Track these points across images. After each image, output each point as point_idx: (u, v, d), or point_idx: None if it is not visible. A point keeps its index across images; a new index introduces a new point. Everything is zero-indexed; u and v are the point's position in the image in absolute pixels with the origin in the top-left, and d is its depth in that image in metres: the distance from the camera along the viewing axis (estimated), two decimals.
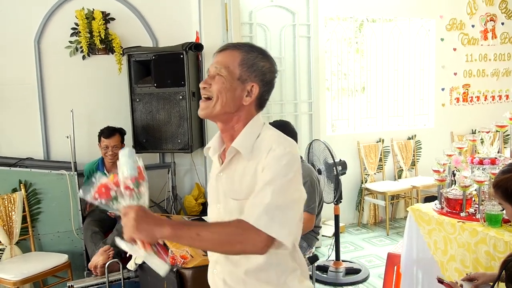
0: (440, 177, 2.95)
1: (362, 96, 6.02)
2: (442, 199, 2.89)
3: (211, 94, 1.45)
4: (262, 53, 1.50)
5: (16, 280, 3.21)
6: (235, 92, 1.45)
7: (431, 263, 2.90)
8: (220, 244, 1.32)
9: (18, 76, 4.07)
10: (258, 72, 1.47)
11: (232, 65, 1.44)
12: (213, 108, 1.46)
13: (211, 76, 1.47)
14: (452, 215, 2.77)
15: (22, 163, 3.87)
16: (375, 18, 5.87)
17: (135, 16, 4.39)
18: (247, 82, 1.46)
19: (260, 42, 4.94)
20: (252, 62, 1.46)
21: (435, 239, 2.84)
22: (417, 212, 3.00)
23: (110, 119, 4.29)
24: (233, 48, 1.48)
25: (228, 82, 1.44)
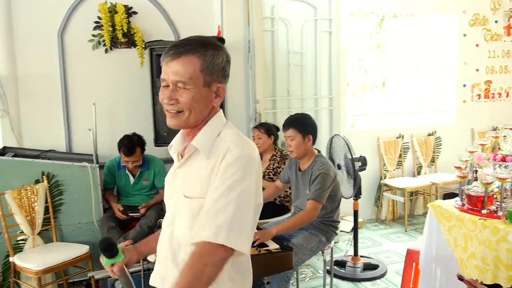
0: (461, 174, 2.92)
1: (382, 92, 5.98)
2: (463, 196, 2.86)
3: (180, 108, 1.41)
4: (214, 46, 1.44)
5: (38, 269, 3.27)
6: (205, 100, 1.43)
7: (451, 260, 2.88)
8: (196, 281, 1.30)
9: (42, 69, 4.15)
10: (219, 71, 1.43)
11: (194, 74, 1.39)
12: (187, 120, 1.43)
13: (172, 89, 1.40)
14: (473, 212, 2.74)
15: (45, 155, 3.94)
16: (397, 13, 5.81)
17: (157, 10, 4.42)
18: (212, 84, 1.43)
19: (282, 37, 4.94)
20: (212, 64, 1.41)
21: (455, 236, 2.82)
22: (438, 209, 2.97)
23: (132, 112, 4.36)
24: (187, 53, 1.39)
25: (196, 93, 1.40)
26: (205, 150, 1.43)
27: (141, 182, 4.03)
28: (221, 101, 1.47)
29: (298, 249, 3.08)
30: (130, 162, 3.86)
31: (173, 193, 1.53)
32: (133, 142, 3.83)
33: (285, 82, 5.03)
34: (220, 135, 1.45)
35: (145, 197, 4.06)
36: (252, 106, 4.57)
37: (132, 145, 3.81)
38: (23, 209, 3.53)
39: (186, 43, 1.41)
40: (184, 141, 1.55)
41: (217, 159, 1.40)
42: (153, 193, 4.10)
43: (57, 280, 3.63)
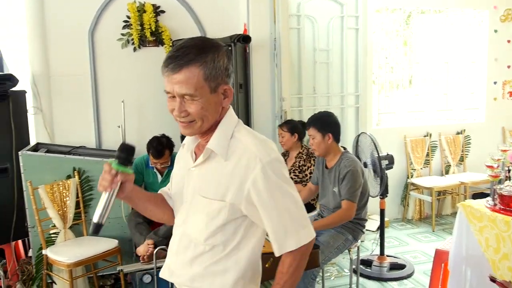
0: (493, 173, 2.86)
1: (409, 90, 5.91)
2: (495, 195, 2.81)
3: (192, 119, 1.40)
4: (213, 49, 1.40)
5: (70, 262, 3.34)
6: (215, 105, 1.41)
7: (482, 261, 2.83)
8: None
9: (73, 67, 4.24)
10: (222, 73, 1.40)
11: (199, 84, 1.35)
12: (200, 129, 1.43)
13: (180, 102, 1.37)
14: (505, 212, 2.68)
15: (75, 151, 4.02)
16: (424, 9, 5.72)
17: (184, 9, 4.46)
18: (219, 87, 1.40)
19: (308, 34, 4.93)
20: (215, 69, 1.38)
21: (486, 237, 2.77)
22: (468, 209, 2.92)
23: (159, 109, 4.41)
24: (187, 64, 1.34)
25: (205, 102, 1.38)
26: (222, 152, 1.42)
27: (169, 180, 4.05)
28: (230, 100, 1.46)
29: (324, 247, 3.08)
30: (158, 163, 3.91)
31: (186, 192, 1.53)
32: (162, 146, 3.85)
33: (311, 80, 5.02)
34: (234, 136, 1.45)
35: None
36: (278, 104, 4.57)
37: (161, 148, 3.83)
38: (55, 204, 3.61)
39: (184, 52, 1.35)
40: (195, 139, 1.56)
41: (238, 162, 1.41)
42: None
43: (87, 273, 3.70)
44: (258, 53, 4.44)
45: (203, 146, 1.49)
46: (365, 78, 5.17)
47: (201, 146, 1.51)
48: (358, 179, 3.14)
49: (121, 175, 1.41)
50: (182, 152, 1.62)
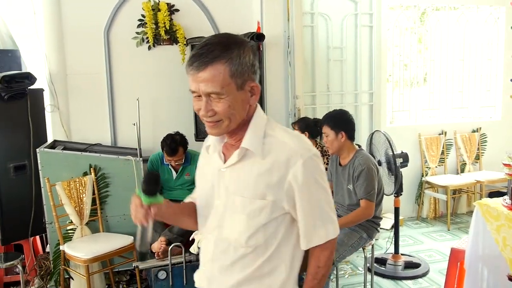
0: (510, 171, 2.83)
1: (423, 87, 5.86)
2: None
3: (219, 118, 1.35)
4: (238, 45, 1.35)
5: (86, 258, 3.38)
6: (242, 102, 1.37)
7: (499, 260, 2.80)
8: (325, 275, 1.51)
9: (89, 66, 4.29)
10: (248, 69, 1.35)
11: (225, 81, 1.31)
12: (227, 128, 1.38)
13: (206, 101, 1.34)
14: None
15: (91, 148, 4.07)
16: (439, 6, 5.67)
17: (198, 7, 4.48)
18: (245, 84, 1.36)
19: (322, 32, 4.92)
20: (241, 66, 1.33)
21: (504, 236, 2.75)
22: (485, 207, 2.90)
23: (174, 107, 4.45)
24: (212, 62, 1.30)
25: (232, 100, 1.34)
26: (258, 151, 1.39)
27: (184, 176, 4.10)
28: (257, 98, 1.41)
29: (339, 245, 3.07)
30: (173, 160, 3.95)
31: (218, 193, 1.47)
32: (176, 143, 3.89)
33: (325, 78, 5.02)
34: (267, 134, 1.42)
35: (187, 191, 4.12)
36: (291, 101, 4.58)
37: (175, 146, 3.88)
38: (72, 200, 3.66)
39: (208, 50, 1.31)
40: (221, 139, 1.50)
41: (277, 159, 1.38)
42: (194, 187, 4.15)
43: (104, 269, 3.75)
44: (271, 51, 4.45)
45: (231, 145, 1.46)
46: (379, 75, 5.15)
47: (229, 146, 1.48)
48: (374, 177, 3.13)
49: (153, 207, 1.41)
50: (206, 154, 1.57)
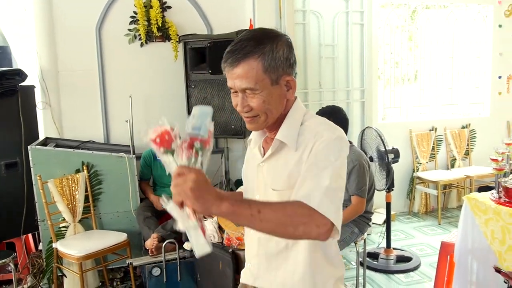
0: (498, 166, 2.89)
1: (414, 84, 5.92)
2: (500, 188, 2.84)
3: (256, 113, 1.37)
4: (271, 39, 1.35)
5: (79, 255, 3.38)
6: (278, 97, 1.38)
7: (487, 253, 2.86)
8: (282, 225, 1.20)
9: (81, 63, 4.29)
10: (283, 63, 1.35)
11: (259, 77, 1.32)
12: (265, 123, 1.40)
13: (242, 97, 1.36)
14: (510, 205, 2.71)
15: (84, 145, 4.07)
16: (429, 4, 5.73)
17: (190, 4, 4.50)
18: (280, 79, 1.36)
19: (313, 29, 4.95)
20: (274, 60, 1.33)
21: (492, 229, 2.80)
22: (473, 201, 2.95)
23: (166, 104, 4.46)
24: (245, 57, 1.31)
25: (267, 95, 1.35)
26: (291, 143, 1.38)
27: None
28: (294, 92, 1.41)
29: None
30: None
31: (258, 187, 1.49)
32: None
33: (317, 75, 5.05)
34: (303, 125, 1.41)
35: None
36: None
37: None
38: (64, 197, 3.66)
39: (241, 45, 1.33)
40: (263, 134, 1.52)
41: (306, 147, 1.36)
42: None
43: (97, 266, 3.75)
44: None
45: (271, 139, 1.46)
46: (371, 73, 5.20)
47: (268, 140, 1.49)
48: (365, 174, 3.17)
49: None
50: (250, 149, 1.59)
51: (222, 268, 2.93)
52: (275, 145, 1.42)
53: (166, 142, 1.18)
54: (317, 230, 1.21)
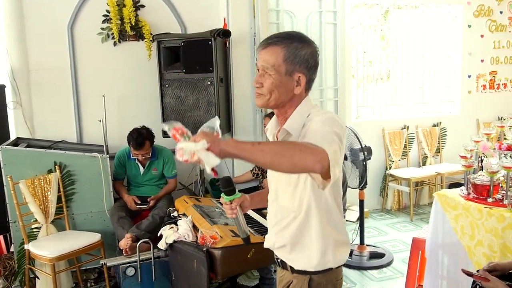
0: (467, 163, 2.96)
1: (387, 83, 6.02)
2: (469, 184, 2.91)
3: (262, 92, 1.59)
4: (301, 40, 1.59)
5: (52, 256, 3.34)
6: (285, 86, 1.58)
7: (457, 247, 2.93)
8: (280, 154, 1.32)
9: (53, 61, 4.22)
10: (301, 61, 1.57)
11: (277, 62, 1.55)
12: (268, 102, 1.60)
13: (260, 74, 1.59)
14: (479, 201, 2.78)
15: (56, 145, 4.01)
16: (401, 5, 5.83)
17: (164, 3, 4.47)
18: (294, 73, 1.58)
19: (287, 29, 4.97)
20: (295, 54, 1.56)
21: (461, 224, 2.87)
22: (443, 198, 3.02)
23: (140, 104, 4.44)
24: (274, 44, 1.57)
25: (277, 80, 1.56)
26: (295, 133, 1.58)
27: (151, 171, 4.09)
28: (301, 89, 1.60)
29: None
30: (139, 155, 3.93)
31: (273, 174, 1.74)
32: (142, 136, 3.89)
33: None
34: (309, 116, 1.59)
35: (155, 187, 4.12)
36: None
37: (142, 140, 3.87)
38: (36, 198, 3.61)
39: (275, 36, 1.59)
40: (277, 125, 1.72)
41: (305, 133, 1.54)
42: (162, 183, 4.17)
43: (70, 267, 3.70)
44: (238, 48, 4.48)
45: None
46: (344, 72, 5.26)
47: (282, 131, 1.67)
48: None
49: (234, 202, 1.71)
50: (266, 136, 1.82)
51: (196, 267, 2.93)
52: (282, 134, 1.63)
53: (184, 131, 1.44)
54: (312, 157, 1.31)
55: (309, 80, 1.63)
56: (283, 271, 1.79)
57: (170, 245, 3.07)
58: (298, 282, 1.71)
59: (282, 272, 1.80)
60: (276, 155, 1.33)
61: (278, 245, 1.75)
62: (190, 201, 3.55)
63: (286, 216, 1.69)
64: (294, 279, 1.73)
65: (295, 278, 1.72)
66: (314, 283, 1.69)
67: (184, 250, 2.97)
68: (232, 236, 2.82)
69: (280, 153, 1.32)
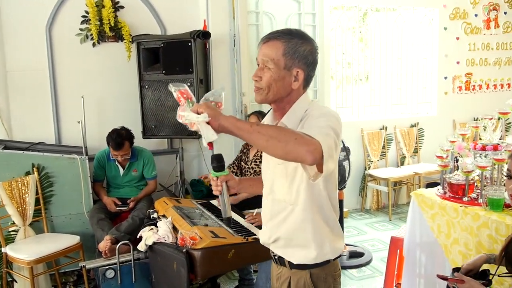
0: (443, 163, 3.02)
1: (366, 85, 6.09)
2: (445, 184, 2.97)
3: (261, 86, 1.62)
4: (301, 37, 1.63)
5: (30, 259, 3.31)
6: (283, 81, 1.61)
7: (434, 246, 2.98)
8: (275, 138, 1.37)
9: (31, 62, 4.16)
10: (300, 57, 1.61)
11: (277, 56, 1.59)
12: (267, 96, 1.63)
13: (260, 68, 1.63)
14: (454, 200, 2.84)
15: (34, 147, 3.96)
16: (379, 7, 5.91)
17: (143, 4, 4.45)
18: (292, 68, 1.61)
19: (267, 30, 4.99)
20: (294, 50, 1.60)
21: (438, 223, 2.93)
22: (420, 197, 3.08)
23: (120, 105, 4.41)
24: (274, 38, 1.61)
25: (275, 74, 1.60)
26: (293, 127, 1.59)
27: (131, 173, 4.07)
28: (298, 84, 1.63)
29: None
30: (119, 155, 3.91)
31: (269, 164, 1.75)
32: (122, 137, 3.87)
33: None
34: (307, 111, 1.63)
35: (134, 188, 4.11)
36: (238, 98, 4.63)
37: (121, 140, 3.85)
38: (14, 201, 3.56)
39: (277, 31, 1.64)
40: (274, 119, 1.75)
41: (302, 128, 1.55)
42: (142, 185, 4.15)
43: (49, 270, 3.66)
44: (218, 49, 4.48)
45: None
46: (323, 73, 5.30)
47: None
48: None
49: (220, 178, 1.71)
50: None
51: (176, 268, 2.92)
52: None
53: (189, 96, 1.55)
54: (305, 148, 1.36)
55: (307, 77, 1.65)
56: (280, 267, 1.80)
57: (150, 246, 3.05)
58: (299, 278, 1.72)
59: (279, 268, 1.81)
60: (271, 139, 1.38)
61: (274, 239, 1.76)
62: (170, 203, 3.54)
63: (282, 210, 1.70)
64: (293, 275, 1.74)
65: (294, 274, 1.74)
66: (314, 276, 1.70)
67: (164, 252, 2.96)
68: (212, 237, 2.83)
69: (276, 137, 1.38)
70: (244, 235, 2.93)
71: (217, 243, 2.77)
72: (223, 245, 2.80)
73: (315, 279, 1.70)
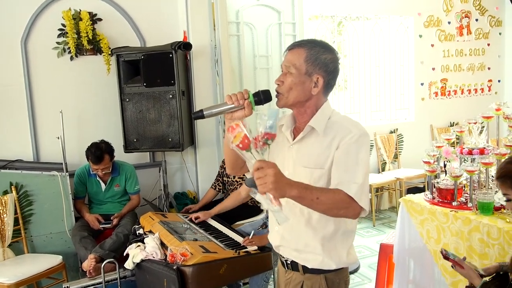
0: (430, 168, 3.04)
1: (345, 92, 6.14)
2: (434, 189, 2.99)
3: (281, 91, 1.70)
4: (323, 46, 1.71)
5: (10, 283, 3.18)
6: (303, 85, 1.69)
7: (424, 252, 3.00)
8: (330, 208, 1.57)
9: (6, 77, 4.02)
10: (321, 64, 1.68)
11: (299, 62, 1.68)
12: (286, 101, 1.70)
13: (283, 73, 1.71)
14: (444, 205, 2.87)
15: (11, 165, 3.84)
16: (356, 16, 5.98)
17: (122, 17, 4.37)
18: (313, 74, 1.69)
19: (247, 41, 5.00)
20: (316, 57, 1.68)
21: (427, 229, 2.94)
22: (409, 203, 3.09)
23: (100, 119, 4.32)
24: (298, 46, 1.71)
25: (296, 78, 1.68)
26: (321, 129, 1.69)
27: (113, 188, 3.98)
28: (318, 90, 1.70)
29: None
30: (99, 170, 3.82)
31: (287, 164, 1.76)
32: (101, 150, 3.78)
33: (252, 85, 5.09)
34: (331, 118, 1.73)
35: (117, 204, 4.01)
36: None
37: (100, 153, 3.76)
38: None
39: (302, 40, 1.75)
40: (293, 122, 1.82)
41: (335, 136, 1.67)
42: (125, 200, 4.06)
43: None
44: (199, 60, 4.44)
45: (299, 128, 1.77)
46: None
47: (298, 129, 1.79)
48: None
49: (247, 102, 1.64)
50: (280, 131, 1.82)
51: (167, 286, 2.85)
52: (306, 130, 1.73)
53: (246, 144, 1.47)
54: (353, 212, 1.59)
55: (327, 84, 1.73)
56: (291, 272, 1.83)
57: (138, 264, 2.98)
58: (314, 283, 1.76)
59: (289, 273, 1.84)
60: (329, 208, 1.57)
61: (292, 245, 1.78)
62: (156, 218, 3.46)
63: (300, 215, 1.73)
64: (306, 279, 1.77)
65: (308, 279, 1.77)
66: (329, 281, 1.75)
67: (152, 269, 2.89)
68: (203, 252, 2.77)
69: (331, 208, 1.57)
70: (235, 249, 2.88)
71: (209, 259, 2.72)
72: (215, 260, 2.74)
73: (330, 284, 1.75)
